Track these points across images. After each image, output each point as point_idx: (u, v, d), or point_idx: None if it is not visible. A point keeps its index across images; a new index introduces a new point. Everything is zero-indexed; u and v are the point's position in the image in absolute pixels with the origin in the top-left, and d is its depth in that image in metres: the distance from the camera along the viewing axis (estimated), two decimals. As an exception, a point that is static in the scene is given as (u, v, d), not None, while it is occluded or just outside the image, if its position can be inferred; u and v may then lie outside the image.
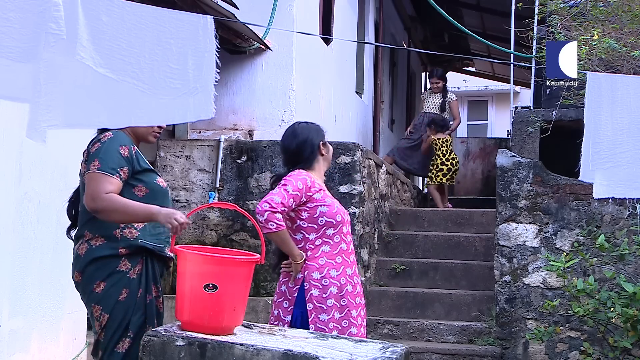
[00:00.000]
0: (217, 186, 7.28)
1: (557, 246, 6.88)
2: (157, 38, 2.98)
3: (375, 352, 3.28)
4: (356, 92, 11.01)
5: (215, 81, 2.99)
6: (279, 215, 3.89)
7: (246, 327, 3.50)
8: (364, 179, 7.27)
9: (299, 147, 4.16)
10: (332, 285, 3.99)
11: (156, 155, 7.36)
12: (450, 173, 10.05)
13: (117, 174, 3.38)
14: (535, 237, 6.95)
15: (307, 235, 4.04)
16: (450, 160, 10.05)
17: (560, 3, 7.07)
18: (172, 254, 3.55)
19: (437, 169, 10.04)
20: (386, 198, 8.59)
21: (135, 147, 3.52)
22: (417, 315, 7.40)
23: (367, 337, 4.24)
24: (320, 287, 3.99)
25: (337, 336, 3.64)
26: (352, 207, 7.06)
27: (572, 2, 7.26)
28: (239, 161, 7.33)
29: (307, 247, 4.03)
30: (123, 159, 3.41)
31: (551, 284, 6.84)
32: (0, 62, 2.92)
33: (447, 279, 7.79)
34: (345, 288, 4.02)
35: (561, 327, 6.58)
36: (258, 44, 7.80)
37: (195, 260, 3.32)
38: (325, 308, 3.97)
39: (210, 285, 3.21)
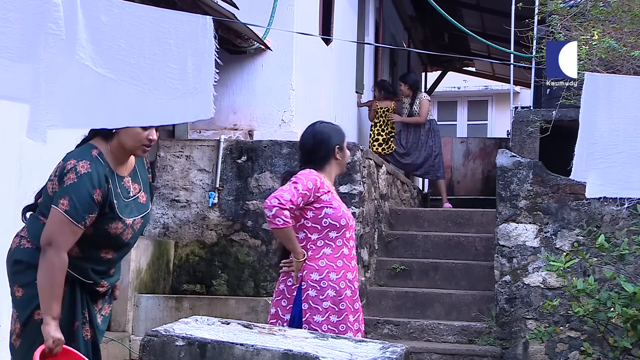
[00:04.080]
0: (217, 186, 7.28)
1: (557, 246, 6.88)
2: (157, 38, 2.98)
3: (375, 352, 3.28)
4: (356, 92, 11.01)
5: (215, 81, 2.99)
6: (286, 212, 3.90)
7: (246, 327, 3.50)
8: (364, 179, 7.27)
9: (315, 146, 4.19)
10: (330, 288, 3.98)
11: (156, 155, 7.36)
12: (385, 143, 10.17)
13: (83, 222, 3.26)
14: (535, 237, 6.95)
15: (309, 235, 4.04)
16: (387, 131, 10.19)
17: (560, 3, 7.07)
18: (101, 289, 3.45)
19: (374, 139, 10.25)
20: (386, 198, 8.59)
21: (110, 184, 3.33)
22: (417, 315, 7.40)
23: (367, 337, 4.24)
24: (318, 288, 3.98)
25: (337, 336, 3.64)
26: (352, 207, 7.06)
27: (572, 2, 7.26)
28: (239, 161, 7.33)
29: (309, 247, 4.03)
30: (94, 204, 3.27)
31: (551, 284, 6.84)
32: (0, 62, 2.93)
33: (447, 279, 7.79)
34: (344, 292, 4.01)
35: (561, 327, 6.58)
36: (258, 44, 7.80)
37: None
38: (320, 309, 3.97)
39: None
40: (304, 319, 3.98)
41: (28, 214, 3.55)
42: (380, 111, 10.28)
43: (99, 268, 3.42)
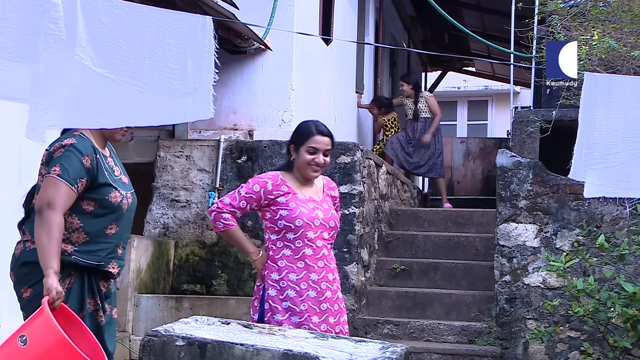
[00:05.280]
0: (217, 186, 7.28)
1: (557, 246, 6.88)
2: (157, 38, 2.99)
3: (375, 352, 3.28)
4: (356, 92, 11.01)
5: (214, 81, 3.00)
6: (225, 215, 4.01)
7: (246, 327, 3.50)
8: (364, 179, 7.27)
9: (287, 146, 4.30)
10: (290, 289, 3.97)
11: (156, 155, 7.36)
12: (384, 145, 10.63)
13: (76, 186, 3.35)
14: (535, 237, 6.95)
15: (270, 236, 4.07)
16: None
17: (560, 3, 7.07)
18: (113, 270, 3.52)
19: (379, 147, 10.75)
20: (386, 198, 8.60)
21: (98, 155, 3.44)
22: (417, 315, 7.40)
23: (367, 337, 4.24)
24: (278, 288, 3.99)
25: (337, 336, 3.64)
26: (352, 207, 7.06)
27: (572, 2, 7.26)
28: (239, 161, 7.33)
29: (270, 247, 4.06)
30: (84, 169, 3.38)
31: (551, 284, 6.84)
32: (0, 62, 2.93)
33: (447, 279, 7.79)
34: (305, 293, 3.97)
35: (561, 327, 6.58)
36: (258, 44, 7.80)
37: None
38: (279, 309, 3.97)
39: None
40: (265, 319, 3.98)
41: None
42: (388, 123, 10.66)
43: (107, 246, 3.48)
